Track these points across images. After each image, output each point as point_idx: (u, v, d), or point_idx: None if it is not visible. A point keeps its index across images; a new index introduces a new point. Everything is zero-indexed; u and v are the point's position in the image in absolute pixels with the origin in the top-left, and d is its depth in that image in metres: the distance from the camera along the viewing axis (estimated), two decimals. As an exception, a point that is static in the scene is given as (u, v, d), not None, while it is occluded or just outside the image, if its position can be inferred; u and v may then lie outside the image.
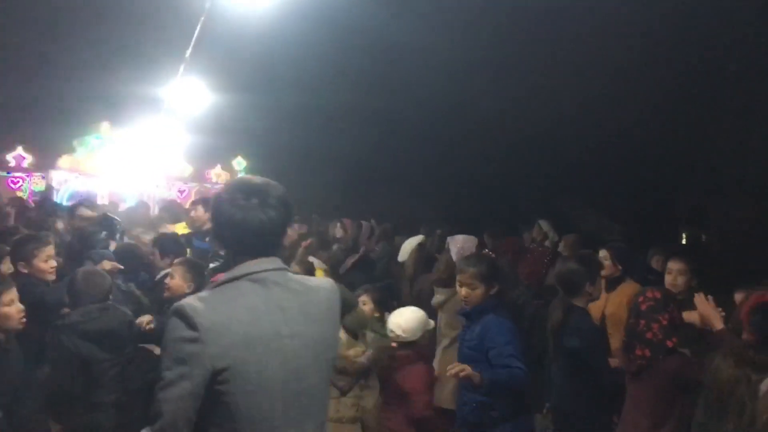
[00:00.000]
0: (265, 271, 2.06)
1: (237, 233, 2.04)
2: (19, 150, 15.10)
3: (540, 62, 10.94)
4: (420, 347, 4.36)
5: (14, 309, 3.47)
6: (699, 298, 3.56)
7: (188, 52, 9.30)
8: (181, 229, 7.76)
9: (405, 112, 14.46)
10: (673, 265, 4.83)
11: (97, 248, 5.30)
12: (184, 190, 16.49)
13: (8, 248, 4.56)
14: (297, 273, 2.26)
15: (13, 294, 3.50)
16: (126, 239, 6.42)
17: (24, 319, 3.54)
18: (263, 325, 1.99)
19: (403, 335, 4.25)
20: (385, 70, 12.55)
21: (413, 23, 9.90)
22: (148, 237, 6.36)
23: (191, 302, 1.95)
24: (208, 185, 16.57)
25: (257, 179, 2.11)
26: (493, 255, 7.11)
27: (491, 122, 13.30)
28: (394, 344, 4.28)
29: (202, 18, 8.02)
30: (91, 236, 5.53)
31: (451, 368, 3.42)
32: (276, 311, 2.03)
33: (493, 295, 3.85)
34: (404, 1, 9.58)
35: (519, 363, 3.58)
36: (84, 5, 10.69)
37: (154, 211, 11.35)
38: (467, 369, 3.38)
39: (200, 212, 6.93)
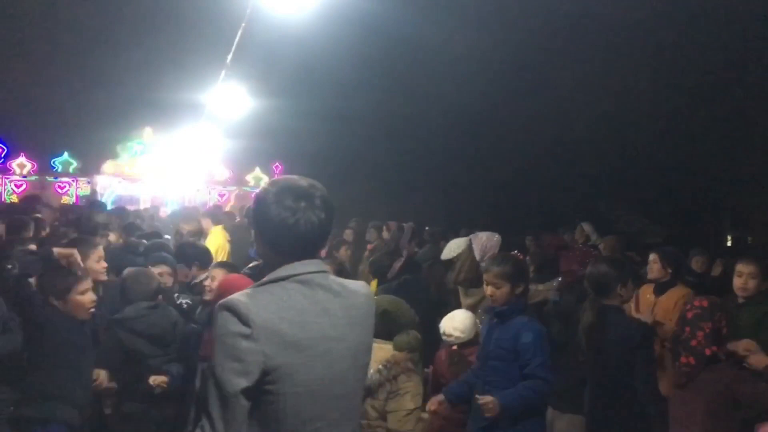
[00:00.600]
0: (310, 273, 2.04)
1: (286, 235, 2.02)
2: (66, 155, 15.51)
3: (581, 64, 10.85)
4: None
5: (87, 298, 3.74)
6: (756, 358, 3.50)
7: (229, 57, 9.44)
8: (219, 232, 7.89)
9: (444, 116, 14.47)
10: (744, 268, 4.69)
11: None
12: (224, 194, 16.74)
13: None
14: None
15: (87, 284, 3.78)
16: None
17: (93, 309, 3.79)
18: (311, 327, 1.98)
19: (462, 336, 4.44)
20: (424, 74, 12.58)
21: (451, 28, 9.91)
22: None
23: (242, 299, 1.93)
24: (247, 189, 16.80)
25: (302, 181, 2.09)
26: (538, 249, 7.08)
27: (530, 125, 13.23)
28: (454, 347, 4.46)
29: (243, 24, 8.14)
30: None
31: (482, 400, 3.52)
32: (322, 314, 2.02)
33: (520, 295, 3.85)
34: (443, 6, 9.59)
35: (547, 372, 3.62)
36: (128, 14, 10.96)
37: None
38: (490, 402, 3.49)
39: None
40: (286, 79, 12.45)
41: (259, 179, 17.21)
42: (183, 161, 15.39)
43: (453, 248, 5.86)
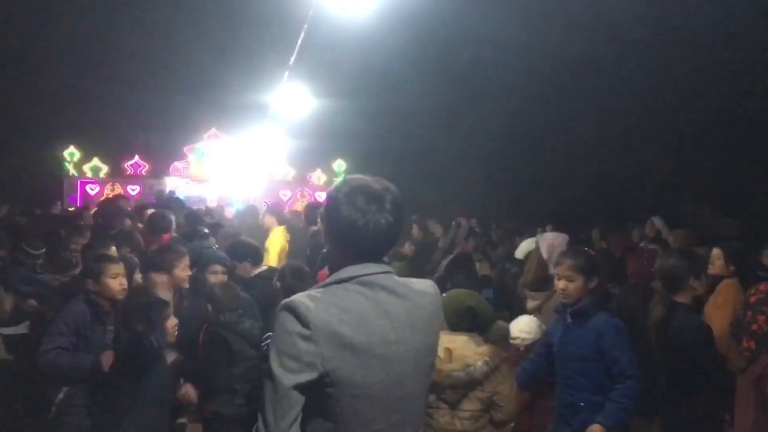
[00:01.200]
0: (374, 274, 2.03)
1: (354, 236, 2.01)
2: (136, 158, 16.03)
3: (654, 56, 10.58)
4: None
5: (116, 282, 3.94)
6: None
7: (292, 59, 9.59)
8: (281, 232, 8.00)
9: (507, 112, 14.33)
10: None
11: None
12: (288, 193, 17.00)
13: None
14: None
15: (119, 269, 4.00)
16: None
17: (124, 292, 3.99)
18: (371, 330, 1.97)
19: (529, 336, 4.49)
20: (486, 72, 12.49)
21: (516, 26, 9.81)
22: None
23: (303, 300, 1.93)
24: (311, 188, 17.02)
25: (375, 183, 2.07)
26: (605, 249, 6.93)
27: (600, 120, 12.98)
28: (522, 349, 4.49)
29: (306, 26, 8.25)
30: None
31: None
32: (383, 317, 2.01)
33: (593, 290, 3.76)
34: (507, 5, 9.51)
35: (636, 369, 3.53)
36: (195, 20, 11.25)
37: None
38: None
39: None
40: (346, 78, 12.58)
41: (320, 179, 17.40)
42: (248, 161, 15.69)
43: (524, 247, 5.83)
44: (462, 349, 3.46)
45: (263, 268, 5.45)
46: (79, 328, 3.83)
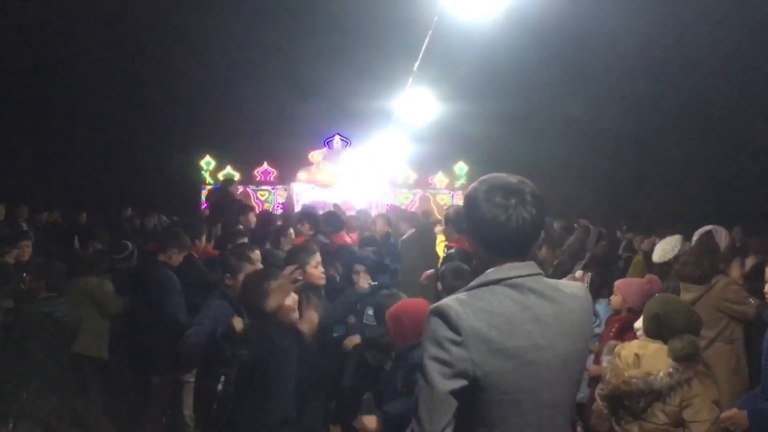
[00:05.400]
0: (521, 276, 2.00)
1: (498, 233, 1.99)
2: (265, 165, 16.73)
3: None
4: None
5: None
6: None
7: (416, 65, 9.71)
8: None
9: (632, 113, 13.87)
10: None
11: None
12: (410, 197, 17.16)
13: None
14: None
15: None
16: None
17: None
18: (520, 336, 1.94)
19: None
20: (611, 74, 12.13)
21: (643, 25, 9.47)
22: None
23: (453, 305, 1.92)
24: (432, 191, 17.07)
25: (511, 177, 2.04)
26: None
27: (741, 117, 12.30)
28: None
29: (430, 32, 8.34)
30: None
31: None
32: (532, 321, 1.97)
33: None
34: (637, 5, 9.21)
35: None
36: (320, 31, 11.64)
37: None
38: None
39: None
40: (470, 82, 12.60)
41: (442, 181, 17.43)
42: (371, 166, 15.97)
43: (668, 249, 5.58)
44: (651, 357, 3.35)
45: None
46: (219, 318, 4.04)
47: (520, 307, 1.97)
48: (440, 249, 7.62)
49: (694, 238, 5.59)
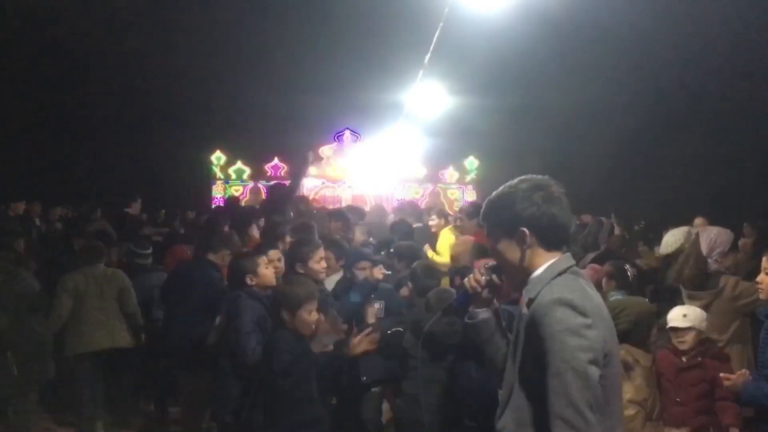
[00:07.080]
0: (575, 265, 2.15)
1: (554, 228, 2.12)
2: (276, 160, 16.66)
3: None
4: None
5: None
6: None
7: (427, 58, 9.65)
8: (449, 232, 8.03)
9: (645, 107, 13.76)
10: None
11: None
12: (420, 192, 17.06)
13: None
14: None
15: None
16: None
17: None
18: (606, 316, 2.08)
19: (700, 326, 4.19)
20: (623, 67, 12.02)
21: (657, 18, 9.37)
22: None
23: (568, 294, 1.99)
24: (443, 186, 16.95)
25: (538, 177, 2.20)
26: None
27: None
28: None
29: (440, 24, 8.27)
30: None
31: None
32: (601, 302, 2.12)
33: None
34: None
35: None
36: (330, 24, 11.59)
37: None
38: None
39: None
40: (481, 77, 12.53)
41: (453, 176, 17.31)
42: (382, 160, 15.88)
43: (671, 242, 5.41)
44: None
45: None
46: (259, 321, 4.04)
47: (593, 291, 2.11)
48: (446, 243, 7.53)
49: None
